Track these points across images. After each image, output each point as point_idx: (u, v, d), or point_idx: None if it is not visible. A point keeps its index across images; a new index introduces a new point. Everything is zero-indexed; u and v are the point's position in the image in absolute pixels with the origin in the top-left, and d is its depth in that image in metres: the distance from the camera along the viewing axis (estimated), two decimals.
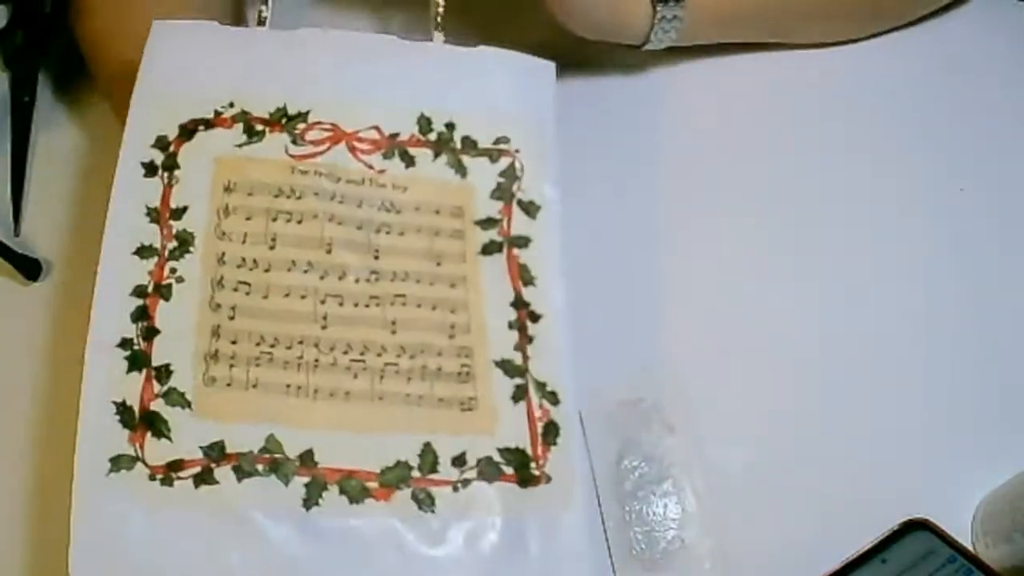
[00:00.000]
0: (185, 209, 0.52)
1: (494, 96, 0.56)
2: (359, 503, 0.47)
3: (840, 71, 0.68)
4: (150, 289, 0.50)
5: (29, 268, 0.59)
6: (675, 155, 0.64)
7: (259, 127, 0.54)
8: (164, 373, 0.48)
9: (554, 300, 0.53)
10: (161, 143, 0.53)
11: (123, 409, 0.47)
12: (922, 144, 0.65)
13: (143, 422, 0.47)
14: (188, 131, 0.53)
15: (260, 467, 0.46)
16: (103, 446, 0.46)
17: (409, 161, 0.55)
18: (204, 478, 0.46)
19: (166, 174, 0.52)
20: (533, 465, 0.49)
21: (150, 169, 0.52)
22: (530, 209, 0.55)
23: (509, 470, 0.49)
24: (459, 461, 0.48)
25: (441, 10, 0.58)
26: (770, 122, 0.66)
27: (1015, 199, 0.64)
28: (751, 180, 0.64)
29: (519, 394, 0.50)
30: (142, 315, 0.49)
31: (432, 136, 0.55)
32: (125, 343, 0.48)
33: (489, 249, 0.54)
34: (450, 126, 0.56)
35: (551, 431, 0.50)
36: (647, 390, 0.57)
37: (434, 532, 0.47)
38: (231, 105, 0.54)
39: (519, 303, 0.53)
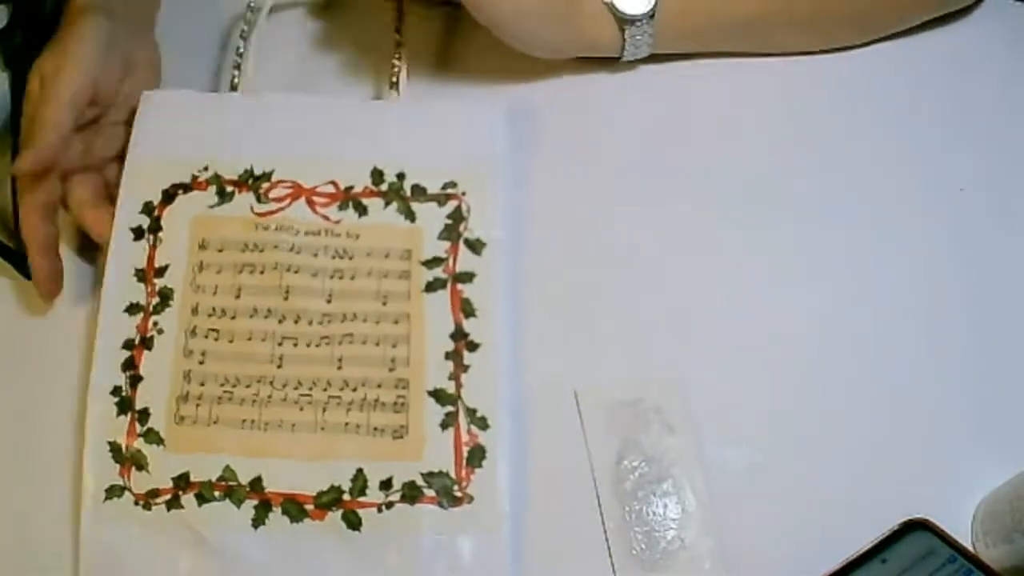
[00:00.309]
0: (167, 267, 0.58)
1: (443, 146, 0.61)
2: (299, 523, 0.53)
3: (840, 71, 0.67)
4: (136, 341, 0.57)
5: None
6: (677, 155, 0.65)
7: (229, 188, 0.60)
8: (144, 416, 0.55)
9: (495, 330, 0.57)
10: (147, 208, 0.59)
11: (114, 447, 0.54)
12: (922, 144, 0.65)
13: (129, 458, 0.54)
14: (169, 195, 0.60)
15: (217, 493, 0.53)
16: (101, 478, 0.54)
17: (362, 211, 0.60)
18: (172, 504, 0.53)
19: (151, 236, 0.59)
20: (456, 487, 0.53)
21: (138, 233, 0.59)
22: (476, 246, 0.59)
23: (431, 492, 0.53)
24: (386, 485, 0.54)
25: (397, 70, 0.63)
26: (770, 122, 0.66)
27: (1015, 199, 0.64)
28: (751, 180, 0.64)
29: (448, 421, 0.55)
30: (129, 365, 0.56)
31: (384, 186, 0.60)
32: (116, 390, 0.56)
33: (433, 286, 0.58)
34: (401, 176, 0.60)
35: (476, 454, 0.54)
36: (647, 390, 0.57)
37: (360, 549, 0.52)
38: (206, 169, 0.60)
39: (459, 334, 0.57)
